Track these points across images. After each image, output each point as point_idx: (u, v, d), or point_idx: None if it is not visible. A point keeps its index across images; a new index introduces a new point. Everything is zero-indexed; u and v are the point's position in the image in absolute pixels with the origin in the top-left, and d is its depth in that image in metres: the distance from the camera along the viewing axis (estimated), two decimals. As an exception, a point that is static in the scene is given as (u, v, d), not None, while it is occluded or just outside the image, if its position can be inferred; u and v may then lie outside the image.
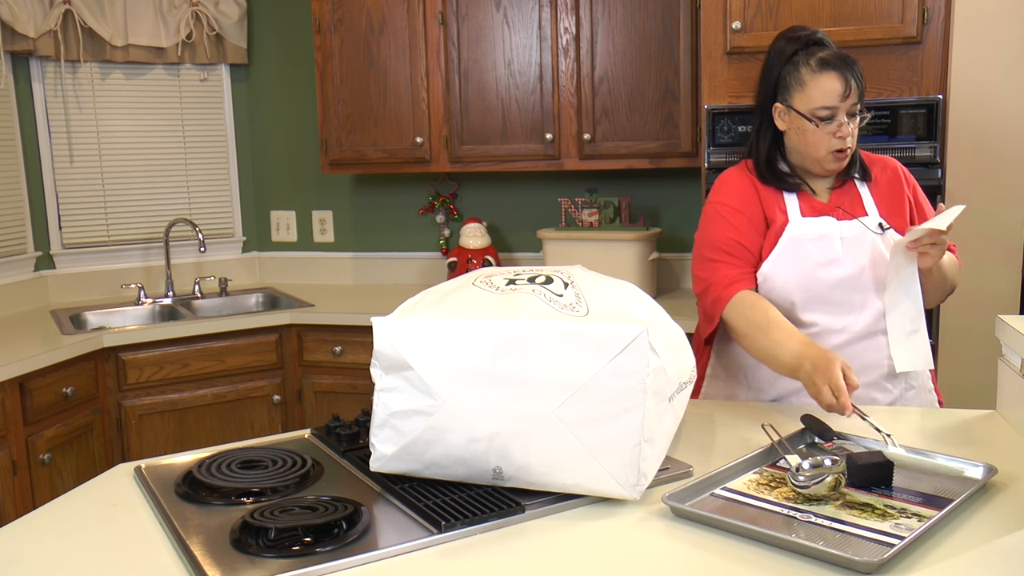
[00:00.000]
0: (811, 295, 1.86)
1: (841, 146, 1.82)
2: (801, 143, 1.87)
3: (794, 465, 1.36)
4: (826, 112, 1.80)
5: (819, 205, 1.91)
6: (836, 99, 1.79)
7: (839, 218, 1.88)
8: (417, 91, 3.42)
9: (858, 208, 1.91)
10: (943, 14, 2.48)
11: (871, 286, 1.86)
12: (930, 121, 2.50)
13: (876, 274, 1.86)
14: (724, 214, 1.91)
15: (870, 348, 1.88)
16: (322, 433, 1.71)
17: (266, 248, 4.10)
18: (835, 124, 1.80)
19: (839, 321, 1.87)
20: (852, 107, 1.80)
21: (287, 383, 3.33)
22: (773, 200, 1.91)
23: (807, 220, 1.88)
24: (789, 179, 1.91)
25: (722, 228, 1.91)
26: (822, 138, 1.82)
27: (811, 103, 1.81)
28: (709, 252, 1.91)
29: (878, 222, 1.88)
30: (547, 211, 3.67)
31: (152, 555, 1.23)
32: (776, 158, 1.93)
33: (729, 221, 1.90)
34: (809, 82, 1.81)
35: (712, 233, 1.92)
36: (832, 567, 1.12)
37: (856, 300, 1.86)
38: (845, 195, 1.92)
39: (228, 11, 3.80)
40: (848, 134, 1.81)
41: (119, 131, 3.73)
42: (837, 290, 1.86)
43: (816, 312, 1.87)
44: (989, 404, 1.84)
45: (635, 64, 3.13)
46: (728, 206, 1.92)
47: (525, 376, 1.33)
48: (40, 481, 2.70)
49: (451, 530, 1.25)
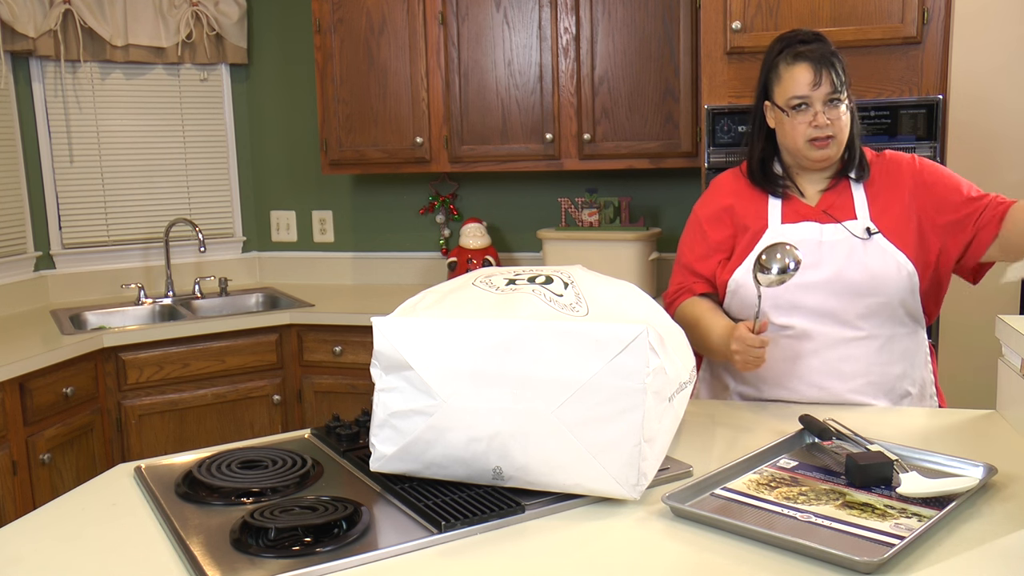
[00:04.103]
0: (781, 300, 1.85)
1: (817, 135, 1.82)
2: (782, 136, 1.89)
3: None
4: (798, 101, 1.82)
5: (804, 210, 1.90)
6: (807, 88, 1.81)
7: (823, 222, 1.87)
8: (417, 91, 3.42)
9: (847, 211, 1.88)
10: (943, 14, 2.48)
11: (848, 291, 1.82)
12: (930, 121, 2.50)
13: (853, 277, 1.82)
14: (695, 229, 2.01)
15: (850, 356, 1.84)
16: (322, 433, 1.71)
17: (266, 248, 4.10)
18: (810, 113, 1.81)
19: (815, 326, 1.84)
20: (828, 96, 1.81)
21: (287, 383, 3.33)
22: (754, 204, 1.93)
23: (785, 227, 1.88)
24: (779, 182, 1.92)
25: (687, 243, 2.03)
26: (798, 128, 1.83)
27: (785, 94, 1.84)
28: (678, 259, 2.05)
29: (865, 226, 1.85)
30: (547, 211, 3.67)
31: (152, 555, 1.23)
32: (771, 158, 1.95)
33: (694, 239, 2.00)
34: (784, 75, 1.85)
35: (682, 244, 2.05)
36: (832, 567, 1.12)
37: (832, 305, 1.83)
38: (836, 197, 1.90)
39: (228, 11, 3.80)
40: (823, 123, 1.81)
41: (119, 131, 3.73)
42: (811, 294, 1.83)
43: (791, 316, 1.86)
44: (989, 404, 1.84)
45: (635, 64, 3.13)
46: (701, 228, 1.99)
47: (525, 376, 1.33)
48: (40, 481, 2.70)
49: (451, 530, 1.25)
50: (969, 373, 2.82)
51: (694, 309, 1.93)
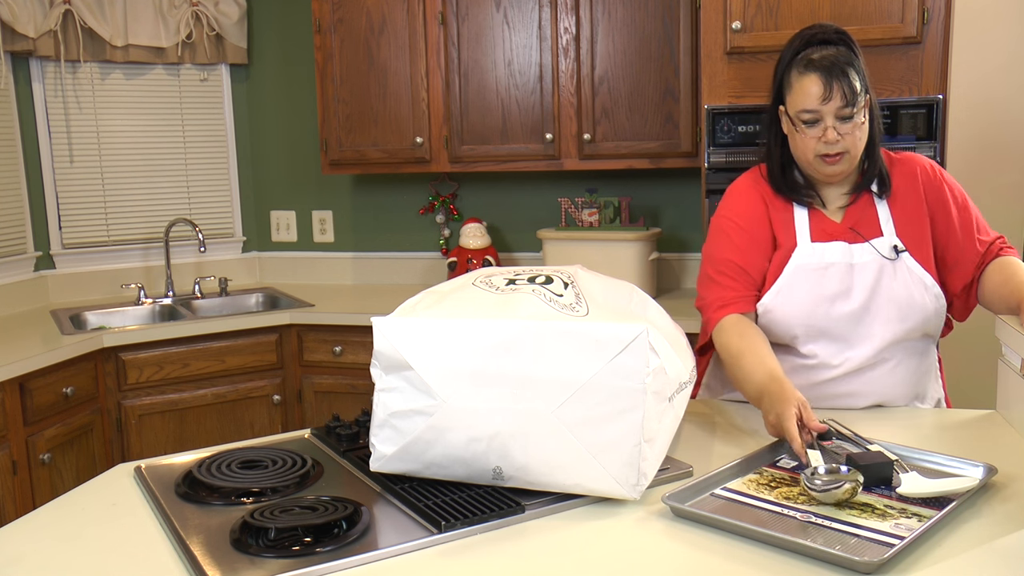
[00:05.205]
0: (814, 330, 1.80)
1: (827, 151, 1.73)
2: (793, 147, 1.80)
3: (812, 467, 1.35)
4: (808, 116, 1.72)
5: (831, 227, 1.81)
6: (816, 102, 1.70)
7: (851, 241, 1.80)
8: (417, 91, 3.42)
9: (873, 227, 1.80)
10: (943, 14, 2.48)
11: (877, 318, 1.78)
12: (930, 121, 2.50)
13: (883, 304, 1.78)
14: (728, 231, 1.86)
15: (866, 378, 1.81)
16: (322, 433, 1.71)
17: (266, 248, 4.10)
18: (819, 128, 1.72)
19: (838, 355, 1.80)
20: (840, 111, 1.70)
21: (287, 383, 3.33)
22: (783, 217, 1.84)
23: (815, 246, 1.80)
24: (803, 191, 1.84)
25: (724, 247, 1.86)
26: (807, 142, 1.75)
27: (795, 106, 1.75)
28: (710, 270, 1.87)
29: (892, 244, 1.78)
30: (547, 211, 3.67)
31: (152, 555, 1.23)
32: (790, 164, 1.85)
33: (732, 240, 1.85)
34: (795, 84, 1.75)
35: (714, 251, 1.88)
36: (832, 567, 1.12)
37: (860, 332, 1.79)
38: (860, 213, 1.82)
39: (228, 11, 3.80)
40: (833, 139, 1.71)
41: (119, 131, 3.72)
42: (841, 324, 1.79)
43: (817, 344, 1.81)
44: (989, 404, 1.84)
45: (635, 64, 3.13)
46: (733, 222, 1.86)
47: (525, 376, 1.33)
48: (40, 481, 2.70)
49: (451, 530, 1.25)
50: (969, 373, 2.82)
51: (740, 343, 1.74)
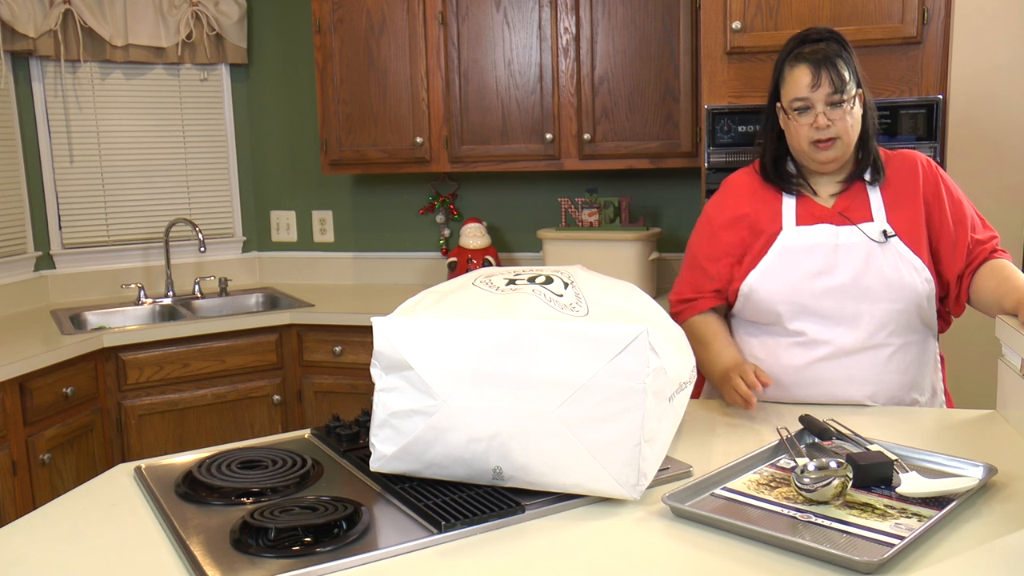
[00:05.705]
0: (797, 306, 1.84)
1: (819, 136, 1.81)
2: (789, 138, 1.88)
3: (800, 465, 1.36)
4: (799, 103, 1.82)
5: (819, 211, 1.88)
6: (806, 90, 1.80)
7: (838, 224, 1.85)
8: (417, 91, 3.42)
9: (863, 213, 1.86)
10: (943, 14, 2.48)
11: (865, 296, 1.81)
12: (930, 121, 2.50)
13: (872, 283, 1.81)
14: (706, 231, 1.98)
15: (861, 364, 1.83)
16: (322, 433, 1.71)
17: (266, 248, 4.10)
18: (811, 115, 1.81)
19: (828, 332, 1.83)
20: (830, 97, 1.79)
21: (287, 383, 3.33)
22: (769, 207, 1.91)
23: (800, 229, 1.86)
24: (792, 180, 1.91)
25: (700, 244, 2.00)
26: (800, 130, 1.83)
27: (788, 96, 1.85)
28: (687, 259, 2.02)
29: (881, 229, 1.83)
30: (547, 211, 3.67)
31: (152, 555, 1.23)
32: (784, 158, 1.94)
33: (707, 241, 1.97)
34: (787, 76, 1.86)
35: (692, 245, 2.02)
36: (832, 567, 1.12)
37: (848, 310, 1.82)
38: (852, 199, 1.88)
39: (228, 11, 3.80)
40: (823, 124, 1.80)
41: (119, 131, 3.72)
42: (826, 300, 1.82)
43: (803, 322, 1.85)
44: (989, 404, 1.84)
45: (635, 64, 3.13)
46: (711, 226, 1.97)
47: (525, 376, 1.33)
48: (40, 481, 2.70)
49: (451, 530, 1.25)
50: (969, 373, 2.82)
51: (705, 329, 1.93)
